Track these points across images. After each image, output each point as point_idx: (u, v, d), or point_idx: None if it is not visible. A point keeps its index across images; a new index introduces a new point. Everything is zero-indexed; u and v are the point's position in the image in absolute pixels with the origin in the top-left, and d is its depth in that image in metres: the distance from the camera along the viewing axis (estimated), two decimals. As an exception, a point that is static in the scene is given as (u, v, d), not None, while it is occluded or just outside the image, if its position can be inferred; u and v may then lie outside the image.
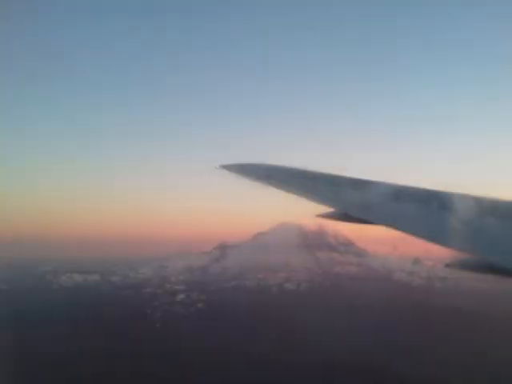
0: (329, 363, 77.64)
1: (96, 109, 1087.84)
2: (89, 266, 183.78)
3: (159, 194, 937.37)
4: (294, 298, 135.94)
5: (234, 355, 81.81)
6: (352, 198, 8.26)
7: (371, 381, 71.26)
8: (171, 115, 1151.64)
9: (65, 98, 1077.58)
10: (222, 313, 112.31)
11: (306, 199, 8.01)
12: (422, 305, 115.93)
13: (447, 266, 5.35)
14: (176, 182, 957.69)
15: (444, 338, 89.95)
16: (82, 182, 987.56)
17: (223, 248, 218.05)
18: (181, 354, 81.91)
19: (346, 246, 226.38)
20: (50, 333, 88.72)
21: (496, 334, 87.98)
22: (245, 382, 72.36)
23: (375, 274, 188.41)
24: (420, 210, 6.99)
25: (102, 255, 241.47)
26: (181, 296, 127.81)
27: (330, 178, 9.35)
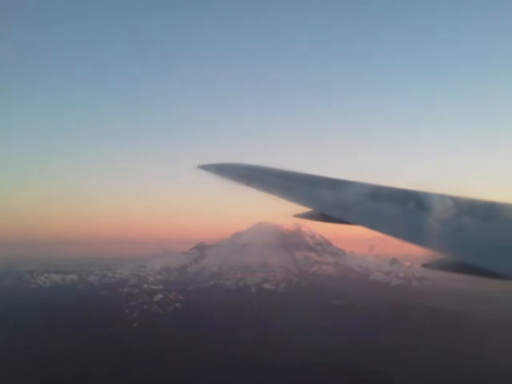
0: (306, 363, 78.28)
1: (66, 107, 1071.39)
2: (67, 265, 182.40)
3: (138, 194, 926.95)
4: (273, 298, 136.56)
5: (212, 355, 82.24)
6: (329, 198, 8.28)
7: (348, 379, 71.96)
8: (148, 114, 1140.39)
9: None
10: (201, 312, 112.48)
11: (284, 199, 8.08)
12: (399, 304, 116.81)
13: (424, 266, 5.33)
14: (155, 182, 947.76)
15: (420, 337, 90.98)
16: (60, 182, 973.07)
17: (202, 248, 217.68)
18: (158, 354, 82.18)
19: (323, 246, 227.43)
20: (24, 333, 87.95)
21: (472, 333, 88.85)
22: (222, 382, 72.98)
23: (352, 274, 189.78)
24: (397, 210, 7.00)
25: (80, 255, 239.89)
26: (159, 296, 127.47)
27: (307, 178, 9.37)
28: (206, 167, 11.43)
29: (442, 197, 6.71)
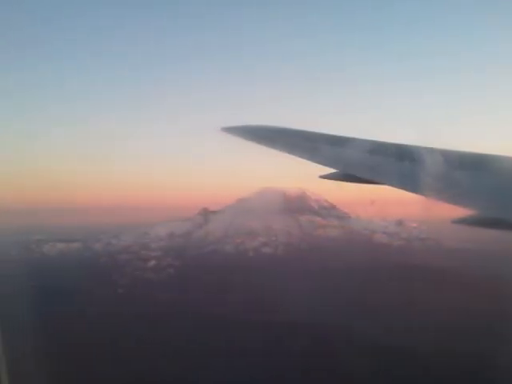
0: (290, 323, 79.76)
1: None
2: (75, 234, 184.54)
3: (144, 159, 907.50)
4: (270, 261, 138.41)
5: (194, 316, 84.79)
6: (356, 159, 8.29)
7: (338, 340, 73.03)
8: (161, 71, 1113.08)
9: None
10: (192, 277, 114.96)
11: (310, 161, 8.33)
12: (395, 264, 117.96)
13: (454, 222, 5.39)
14: (162, 146, 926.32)
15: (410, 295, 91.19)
16: (63, 148, 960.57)
17: (206, 214, 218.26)
18: (143, 317, 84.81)
19: (328, 210, 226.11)
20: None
21: (462, 291, 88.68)
22: (204, 343, 74.91)
23: (356, 237, 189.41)
24: (425, 168, 6.97)
25: (90, 223, 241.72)
26: (153, 262, 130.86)
27: (332, 138, 9.47)
28: (230, 130, 11.58)
29: (470, 155, 6.94)
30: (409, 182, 6.75)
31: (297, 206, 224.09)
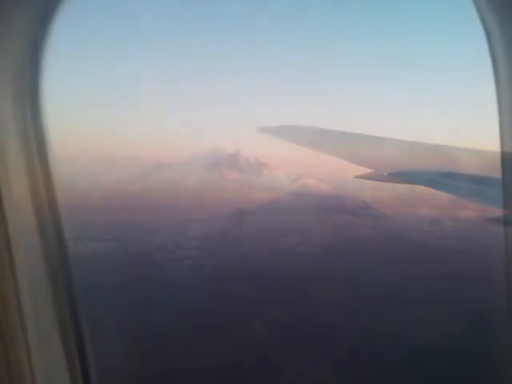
0: (328, 324, 78.70)
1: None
2: (109, 232, 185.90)
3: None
4: (305, 261, 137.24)
5: (223, 316, 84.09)
6: (392, 159, 8.63)
7: (359, 340, 71.91)
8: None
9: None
10: (226, 276, 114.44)
11: (346, 161, 8.13)
12: (434, 263, 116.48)
13: (489, 221, 5.57)
14: (202, 145, 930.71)
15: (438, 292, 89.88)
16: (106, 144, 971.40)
17: (240, 213, 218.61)
18: (177, 315, 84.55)
19: (364, 210, 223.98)
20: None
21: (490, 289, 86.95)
22: (234, 341, 74.29)
23: (391, 236, 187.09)
24: (463, 169, 7.24)
25: (123, 221, 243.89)
26: (188, 261, 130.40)
27: (369, 139, 9.35)
28: (268, 130, 11.25)
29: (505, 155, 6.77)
30: (444, 181, 6.89)
31: (333, 205, 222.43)
